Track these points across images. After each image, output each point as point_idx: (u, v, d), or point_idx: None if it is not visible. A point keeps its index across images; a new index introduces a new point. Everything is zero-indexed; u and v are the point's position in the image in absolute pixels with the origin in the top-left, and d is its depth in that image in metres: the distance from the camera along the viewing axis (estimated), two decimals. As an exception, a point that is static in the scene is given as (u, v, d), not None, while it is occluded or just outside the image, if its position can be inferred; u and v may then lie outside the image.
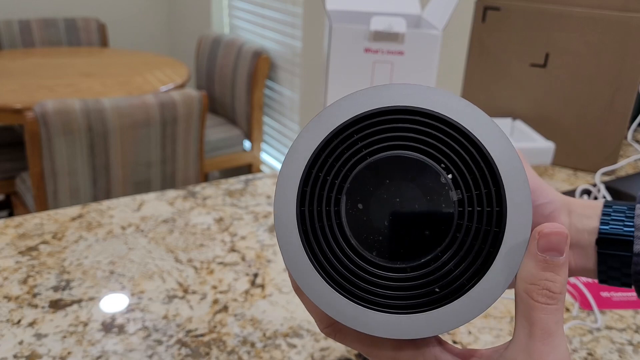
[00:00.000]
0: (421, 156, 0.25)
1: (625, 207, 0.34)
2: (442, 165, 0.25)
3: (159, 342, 0.53)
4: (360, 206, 0.25)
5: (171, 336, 0.54)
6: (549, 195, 0.35)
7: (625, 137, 0.96)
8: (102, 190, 1.54)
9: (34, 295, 0.59)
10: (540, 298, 0.23)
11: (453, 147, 0.25)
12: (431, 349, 0.26)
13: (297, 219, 0.25)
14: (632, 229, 0.33)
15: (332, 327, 0.28)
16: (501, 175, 0.24)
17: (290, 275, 0.27)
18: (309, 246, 0.25)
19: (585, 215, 0.35)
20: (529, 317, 0.23)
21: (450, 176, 0.25)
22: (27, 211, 1.79)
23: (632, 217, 0.33)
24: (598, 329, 0.58)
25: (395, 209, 0.25)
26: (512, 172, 0.24)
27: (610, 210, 0.34)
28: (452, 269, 0.24)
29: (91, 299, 0.59)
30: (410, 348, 0.26)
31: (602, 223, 0.34)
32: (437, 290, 0.24)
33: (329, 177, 0.25)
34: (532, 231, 0.24)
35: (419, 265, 0.25)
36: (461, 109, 0.25)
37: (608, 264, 0.34)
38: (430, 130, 0.25)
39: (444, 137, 0.25)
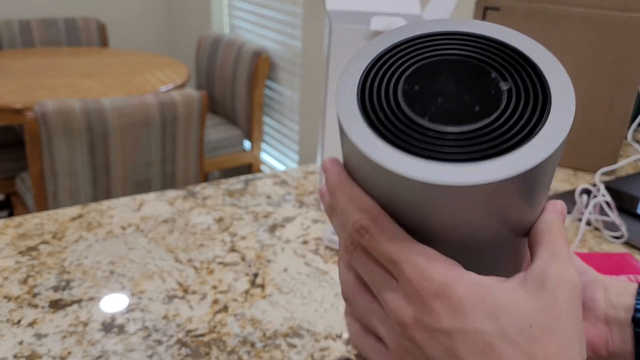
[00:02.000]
0: (475, 58, 0.28)
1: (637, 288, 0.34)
2: (491, 66, 0.28)
3: (159, 342, 0.53)
4: (416, 87, 0.27)
5: (171, 336, 0.54)
6: (581, 265, 0.35)
7: (625, 137, 0.96)
8: (102, 190, 1.54)
9: (34, 295, 0.59)
10: (561, 230, 0.28)
11: (505, 58, 0.28)
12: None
13: (357, 93, 0.28)
14: None
15: (372, 220, 0.27)
16: (547, 77, 0.27)
17: (331, 171, 0.28)
18: (364, 109, 0.27)
19: (620, 293, 0.34)
20: (553, 246, 0.27)
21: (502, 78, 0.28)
22: (27, 211, 1.79)
23: None
24: None
25: (446, 91, 0.27)
26: (557, 74, 0.28)
27: None
28: (516, 120, 0.26)
29: (91, 299, 0.59)
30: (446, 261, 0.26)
31: (638, 302, 0.33)
32: (482, 143, 0.26)
33: (392, 67, 0.28)
34: None
35: (467, 130, 0.26)
36: (507, 33, 0.29)
37: None
38: (484, 46, 0.29)
39: (497, 52, 0.28)
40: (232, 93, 2.50)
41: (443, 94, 0.27)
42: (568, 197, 0.80)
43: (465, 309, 0.25)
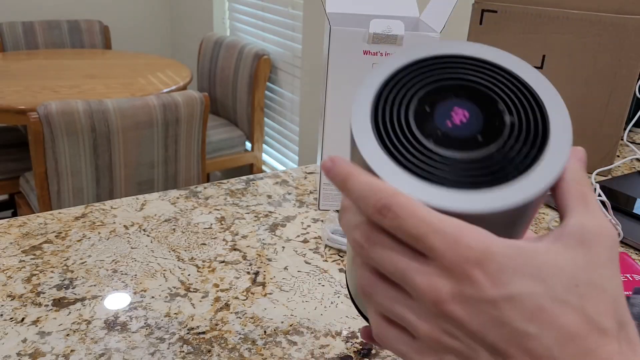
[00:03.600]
0: (483, 87, 0.30)
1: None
2: (499, 98, 0.29)
3: (161, 340, 0.54)
4: (427, 108, 0.29)
5: (173, 334, 0.55)
6: None
7: (621, 138, 0.97)
8: (105, 190, 1.55)
9: (38, 294, 0.59)
10: (588, 185, 0.28)
11: (511, 88, 0.29)
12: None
13: (371, 115, 0.29)
14: None
15: (393, 197, 0.26)
16: (547, 111, 0.29)
17: (337, 168, 0.29)
18: (377, 127, 0.29)
19: None
20: (584, 198, 0.27)
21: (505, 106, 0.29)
22: (30, 211, 1.80)
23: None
24: None
25: (454, 118, 0.29)
26: (557, 109, 0.29)
27: None
28: (514, 155, 0.27)
29: (94, 297, 0.59)
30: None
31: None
32: (498, 169, 0.27)
33: (405, 87, 0.30)
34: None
35: (473, 157, 0.27)
36: (518, 65, 0.30)
37: None
38: (492, 74, 0.30)
39: (504, 80, 0.30)
40: (233, 94, 2.50)
41: (451, 118, 0.28)
42: (565, 197, 0.81)
43: (508, 275, 0.24)
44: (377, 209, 0.26)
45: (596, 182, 0.81)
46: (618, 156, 1.02)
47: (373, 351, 0.54)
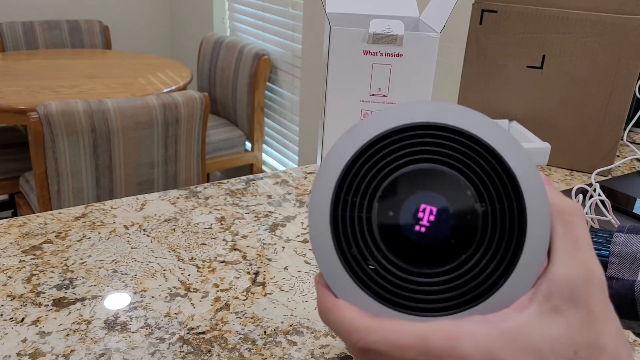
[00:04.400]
0: (448, 169, 0.26)
1: (607, 234, 0.35)
2: (468, 178, 0.26)
3: (162, 340, 0.54)
4: (390, 214, 0.26)
5: (173, 334, 0.55)
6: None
7: (622, 138, 0.97)
8: (105, 190, 1.55)
9: (38, 294, 0.59)
10: (577, 216, 0.26)
11: (478, 162, 0.26)
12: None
13: (330, 224, 0.27)
14: (608, 253, 0.34)
15: (366, 349, 0.26)
16: (523, 190, 0.26)
17: (319, 295, 0.28)
18: (341, 250, 0.27)
19: None
20: (571, 235, 0.26)
21: (474, 189, 0.26)
22: (30, 211, 1.80)
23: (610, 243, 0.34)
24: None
25: (422, 218, 0.26)
26: (533, 187, 0.26)
27: (594, 235, 0.35)
28: (478, 274, 0.26)
29: (94, 297, 0.59)
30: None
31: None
32: (461, 293, 0.26)
33: (362, 186, 0.27)
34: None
35: (446, 271, 0.26)
36: (486, 126, 0.27)
37: None
38: (457, 146, 0.26)
39: (470, 152, 0.26)
40: (233, 94, 2.51)
41: (418, 221, 0.26)
42: (565, 197, 0.81)
43: None
44: (359, 351, 0.26)
45: (596, 182, 0.81)
46: (618, 156, 1.02)
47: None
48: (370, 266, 0.26)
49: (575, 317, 0.24)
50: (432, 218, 0.26)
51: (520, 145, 0.26)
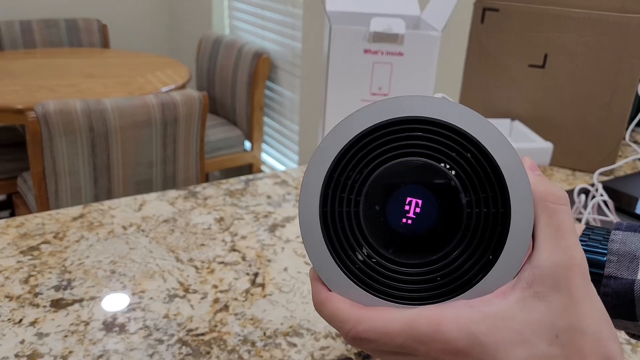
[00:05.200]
0: (432, 162, 0.27)
1: (604, 232, 0.35)
2: (452, 170, 0.27)
3: (160, 341, 0.53)
4: (377, 207, 0.27)
5: (172, 335, 0.54)
6: None
7: (624, 138, 0.96)
8: (103, 190, 1.55)
9: (36, 295, 0.59)
10: (560, 202, 0.26)
11: (461, 153, 0.27)
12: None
13: (319, 219, 0.28)
14: (605, 251, 0.33)
15: (357, 338, 0.27)
16: (506, 179, 0.26)
17: (313, 288, 0.29)
18: (331, 244, 0.28)
19: None
20: (554, 222, 0.26)
21: (459, 180, 0.27)
22: (28, 211, 1.79)
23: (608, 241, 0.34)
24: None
25: (409, 210, 0.27)
26: (516, 176, 0.26)
27: (590, 232, 0.35)
28: (462, 263, 0.27)
29: (92, 298, 0.59)
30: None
31: (580, 242, 0.34)
32: (446, 282, 0.27)
33: (349, 181, 0.28)
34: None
35: (432, 261, 0.27)
36: (468, 118, 0.27)
37: None
38: (440, 138, 0.27)
39: (453, 144, 0.27)
40: (232, 94, 2.50)
41: (404, 214, 0.27)
42: (567, 197, 0.80)
43: (492, 350, 0.25)
44: (352, 340, 0.27)
45: (598, 182, 0.80)
46: (620, 156, 1.02)
47: (374, 353, 0.53)
48: (359, 259, 0.28)
49: (556, 303, 0.25)
50: (418, 210, 0.27)
51: (502, 135, 0.27)
